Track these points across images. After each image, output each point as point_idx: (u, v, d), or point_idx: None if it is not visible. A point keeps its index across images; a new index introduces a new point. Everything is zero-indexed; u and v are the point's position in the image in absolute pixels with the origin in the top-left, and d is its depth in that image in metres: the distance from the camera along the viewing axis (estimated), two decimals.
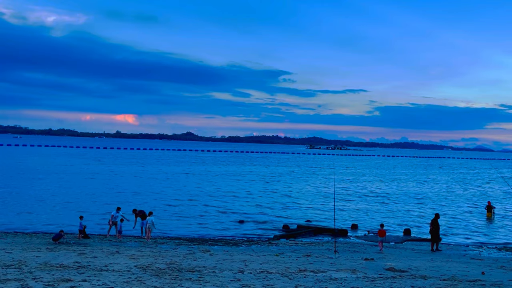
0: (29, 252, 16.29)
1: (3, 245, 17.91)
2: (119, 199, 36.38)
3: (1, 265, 13.30)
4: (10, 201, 34.14)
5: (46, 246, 18.18)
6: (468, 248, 23.63)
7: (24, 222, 26.74)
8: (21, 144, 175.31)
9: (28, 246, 17.98)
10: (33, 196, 37.45)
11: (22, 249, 17.13)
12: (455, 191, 56.81)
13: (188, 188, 48.30)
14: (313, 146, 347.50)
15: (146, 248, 18.85)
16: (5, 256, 15.19)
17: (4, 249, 16.83)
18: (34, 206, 32.26)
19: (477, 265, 17.25)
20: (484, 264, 17.69)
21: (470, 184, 69.08)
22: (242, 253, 18.54)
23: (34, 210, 30.67)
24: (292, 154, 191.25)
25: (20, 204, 32.84)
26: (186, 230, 26.37)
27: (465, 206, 42.54)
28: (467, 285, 12.73)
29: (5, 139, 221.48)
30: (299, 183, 59.35)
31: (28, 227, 25.34)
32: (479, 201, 46.27)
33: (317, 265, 15.57)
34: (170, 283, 11.53)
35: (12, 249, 16.80)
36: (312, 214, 34.19)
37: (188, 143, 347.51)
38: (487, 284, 12.92)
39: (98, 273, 12.55)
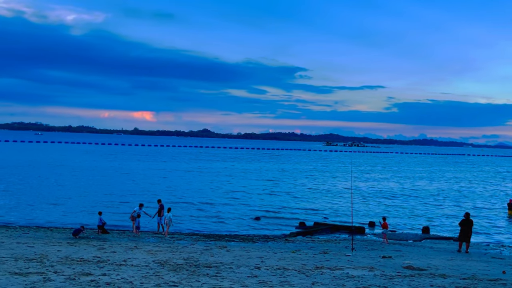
0: (50, 246, 16.64)
1: (26, 240, 18.35)
2: (138, 196, 36.83)
3: (23, 259, 13.63)
4: (32, 196, 34.91)
5: (67, 241, 18.54)
6: (488, 247, 23.20)
7: (45, 216, 27.32)
8: (42, 140, 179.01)
9: (50, 241, 18.37)
10: (55, 191, 38.20)
11: (44, 243, 17.51)
12: (476, 189, 55.77)
13: (205, 185, 48.59)
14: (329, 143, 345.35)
15: (164, 244, 19.06)
16: (28, 250, 15.55)
17: (26, 243, 17.24)
18: (56, 201, 32.92)
19: (498, 264, 16.93)
20: (505, 263, 17.34)
21: (491, 182, 67.71)
22: (258, 249, 18.59)
23: (56, 205, 31.29)
24: (308, 151, 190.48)
25: (41, 199, 33.56)
26: (203, 226, 26.56)
27: (486, 204, 41.73)
28: (487, 284, 12.51)
29: (27, 136, 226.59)
30: (315, 180, 59.10)
31: (50, 221, 25.87)
32: (500, 199, 45.33)
33: (334, 262, 15.50)
34: (188, 278, 11.63)
35: (34, 243, 17.20)
36: (329, 211, 34.04)
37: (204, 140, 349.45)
38: (508, 283, 12.67)
39: (117, 268, 12.74)
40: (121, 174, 56.70)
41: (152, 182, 49.17)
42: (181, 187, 45.12)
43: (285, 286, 11.20)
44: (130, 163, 78.44)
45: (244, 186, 48.46)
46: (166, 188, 43.94)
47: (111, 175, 54.99)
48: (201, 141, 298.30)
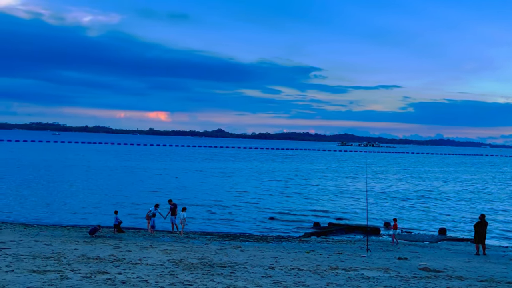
0: (67, 245, 16.90)
1: (43, 238, 18.67)
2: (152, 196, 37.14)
3: (41, 257, 13.86)
4: (49, 195, 35.51)
5: (84, 239, 18.81)
6: (507, 249, 22.75)
7: (62, 215, 27.76)
8: (59, 140, 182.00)
9: (67, 239, 18.65)
10: (71, 190, 38.80)
11: (61, 241, 17.79)
12: (493, 190, 54.77)
13: (219, 185, 48.76)
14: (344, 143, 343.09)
15: (179, 243, 19.18)
16: (45, 248, 15.82)
17: (44, 241, 17.54)
18: (73, 200, 33.43)
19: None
20: None
21: (509, 183, 66.42)
22: (273, 249, 18.58)
23: (72, 204, 31.78)
24: (323, 151, 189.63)
25: (58, 198, 34.11)
26: (217, 226, 26.66)
27: (504, 205, 40.95)
28: (506, 286, 12.27)
29: (44, 136, 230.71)
30: (330, 181, 58.81)
31: (67, 220, 26.28)
32: None
33: (349, 263, 15.40)
34: (202, 278, 11.68)
35: (52, 242, 17.48)
36: (343, 212, 33.83)
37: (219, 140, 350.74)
38: None
39: (133, 267, 12.87)
40: (136, 174, 57.26)
41: (166, 182, 49.55)
42: (194, 187, 45.36)
43: (300, 286, 11.17)
44: (145, 163, 79.17)
45: (258, 187, 48.48)
46: (180, 188, 44.22)
47: (126, 175, 55.58)
48: (216, 141, 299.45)
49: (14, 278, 10.61)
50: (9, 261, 12.83)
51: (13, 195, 35.22)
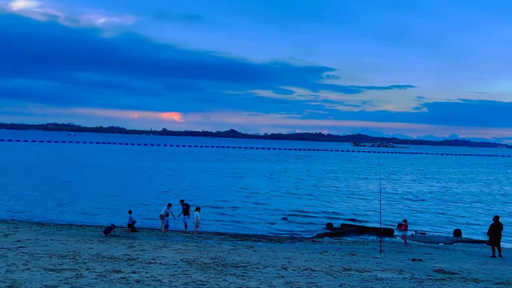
0: (82, 244, 17.12)
1: (59, 237, 18.95)
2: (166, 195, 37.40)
3: (57, 255, 14.07)
4: (64, 195, 36.01)
5: (98, 239, 19.03)
6: None
7: (76, 214, 28.12)
8: (74, 141, 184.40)
9: (82, 238, 18.90)
10: (87, 190, 39.29)
11: (76, 240, 18.03)
12: (509, 191, 53.84)
13: (231, 185, 48.87)
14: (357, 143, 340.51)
15: (192, 243, 19.28)
16: (61, 247, 16.05)
17: (60, 240, 17.80)
18: (87, 200, 33.85)
19: None
20: None
21: None
22: (285, 250, 18.56)
23: (86, 204, 32.18)
24: (336, 151, 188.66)
25: (73, 197, 34.57)
26: (230, 226, 26.72)
27: None
28: None
29: (60, 137, 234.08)
30: (343, 181, 58.49)
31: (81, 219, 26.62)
32: None
33: (362, 264, 15.30)
34: (215, 277, 11.73)
35: (67, 241, 17.73)
36: (356, 213, 33.62)
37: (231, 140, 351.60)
38: None
39: (147, 266, 12.99)
40: (149, 174, 57.72)
41: (178, 182, 49.83)
42: (206, 188, 45.54)
43: (312, 287, 11.14)
44: (158, 163, 79.74)
45: (270, 187, 48.46)
46: (192, 188, 44.44)
47: (139, 175, 56.06)
48: (228, 141, 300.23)
49: (30, 276, 10.80)
50: (25, 260, 13.06)
51: (29, 194, 35.81)
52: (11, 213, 27.53)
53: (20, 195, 35.29)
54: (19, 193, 36.02)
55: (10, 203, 31.46)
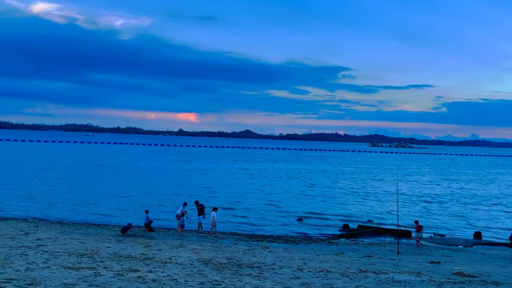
0: (100, 243, 17.37)
1: (78, 236, 19.26)
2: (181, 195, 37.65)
3: (76, 254, 14.31)
4: (82, 194, 36.58)
5: (116, 238, 19.28)
6: None
7: (95, 214, 28.53)
8: (92, 141, 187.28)
9: (100, 237, 19.17)
10: (104, 189, 39.84)
11: (94, 239, 18.30)
12: None
13: (246, 186, 48.92)
14: (374, 144, 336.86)
15: (207, 243, 19.37)
16: (80, 245, 16.32)
17: (79, 239, 18.09)
18: (104, 199, 34.33)
19: None
20: None
21: None
22: (301, 251, 18.49)
23: (104, 203, 32.64)
24: (352, 152, 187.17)
25: (91, 197, 35.10)
26: (245, 227, 26.74)
27: None
28: None
29: (79, 137, 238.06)
30: (359, 182, 57.99)
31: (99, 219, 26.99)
32: None
33: (379, 266, 15.14)
34: (231, 277, 11.76)
35: (86, 240, 18.01)
36: (373, 214, 33.28)
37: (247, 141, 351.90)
38: None
39: (163, 265, 13.10)
40: (165, 174, 58.21)
41: (194, 182, 50.09)
42: (221, 188, 45.68)
43: None
44: (174, 163, 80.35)
45: (286, 188, 48.34)
46: (207, 188, 44.63)
47: (155, 175, 56.58)
48: (244, 142, 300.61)
49: (50, 274, 11.00)
50: (45, 258, 13.31)
51: (48, 194, 36.50)
52: (31, 212, 28.09)
53: (40, 194, 35.99)
54: (39, 193, 36.75)
55: (31, 202, 32.11)
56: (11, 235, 17.91)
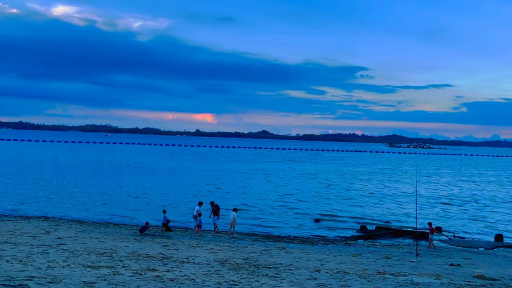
0: (119, 242, 17.60)
1: (97, 235, 19.56)
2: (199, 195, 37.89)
3: (95, 253, 14.53)
4: (101, 194, 37.14)
5: (134, 237, 19.51)
6: None
7: (113, 213, 28.92)
8: (111, 142, 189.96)
9: (118, 236, 19.43)
10: (122, 189, 40.35)
11: (113, 239, 18.55)
12: None
13: (263, 186, 48.91)
14: (392, 144, 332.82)
15: (224, 243, 19.43)
16: (99, 244, 16.57)
17: (98, 238, 18.37)
18: (122, 199, 34.78)
19: None
20: None
21: None
22: (318, 252, 18.39)
23: (123, 203, 33.07)
24: (370, 152, 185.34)
25: (110, 197, 35.60)
26: (261, 227, 26.72)
27: None
28: None
29: (98, 138, 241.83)
30: (377, 183, 57.39)
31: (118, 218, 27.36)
32: None
33: (397, 268, 14.96)
34: (247, 278, 11.77)
35: (105, 239, 18.28)
36: (391, 215, 32.89)
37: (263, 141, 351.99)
38: None
39: (180, 265, 13.20)
40: (182, 174, 58.64)
41: (210, 182, 50.32)
42: (238, 189, 45.77)
43: None
44: (191, 164, 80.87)
45: (302, 188, 48.16)
46: (223, 189, 44.78)
47: (173, 175, 57.05)
48: (260, 142, 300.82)
49: (70, 273, 11.20)
50: (66, 256, 13.56)
51: (68, 193, 37.16)
52: (51, 211, 28.63)
53: (60, 193, 36.67)
54: (59, 192, 37.45)
55: (51, 201, 32.75)
56: (33, 234, 18.30)
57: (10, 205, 30.47)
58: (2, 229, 19.30)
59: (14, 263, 11.96)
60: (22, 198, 33.79)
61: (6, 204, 30.92)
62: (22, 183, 42.28)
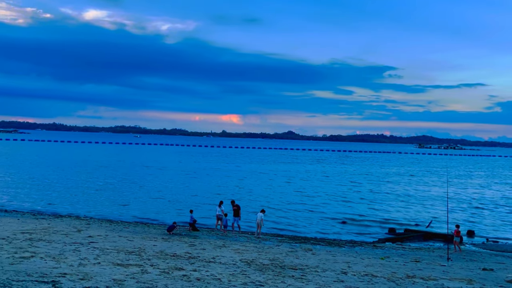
0: (147, 241, 17.91)
1: (126, 234, 19.97)
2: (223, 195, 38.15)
3: (124, 251, 14.84)
4: (130, 194, 37.91)
5: (162, 236, 19.81)
6: None
7: (141, 213, 29.46)
8: (140, 142, 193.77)
9: (147, 236, 19.78)
10: (150, 189, 41.07)
11: (142, 238, 18.90)
12: None
13: (289, 187, 48.75)
14: (422, 145, 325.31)
15: (250, 243, 19.48)
16: (128, 243, 16.91)
17: (127, 237, 18.76)
18: (150, 199, 35.40)
19: None
20: None
21: None
22: (345, 254, 18.18)
23: (151, 203, 33.66)
24: (399, 153, 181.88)
25: (138, 197, 36.31)
26: (287, 228, 26.64)
27: None
28: None
29: (127, 138, 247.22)
30: (406, 185, 56.25)
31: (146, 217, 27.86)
32: None
33: (427, 272, 14.61)
34: (273, 279, 11.76)
35: (133, 238, 18.64)
36: (420, 218, 32.17)
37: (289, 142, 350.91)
38: None
39: (207, 264, 13.31)
40: (208, 174, 59.16)
41: (236, 183, 50.54)
42: (264, 189, 45.77)
43: None
44: (217, 164, 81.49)
45: (328, 190, 47.72)
46: (248, 189, 44.88)
47: (199, 175, 57.61)
48: (286, 143, 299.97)
49: (101, 270, 11.48)
50: (96, 254, 13.91)
51: (98, 193, 38.12)
52: (82, 210, 29.44)
53: (90, 193, 37.66)
54: (90, 192, 38.47)
55: (82, 200, 33.68)
56: (65, 232, 18.86)
57: (43, 204, 31.54)
58: (37, 226, 19.98)
59: (47, 260, 12.36)
60: (54, 197, 34.90)
61: (40, 201, 32.06)
62: (55, 182, 43.66)
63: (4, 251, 13.35)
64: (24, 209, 28.88)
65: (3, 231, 17.68)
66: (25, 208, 29.12)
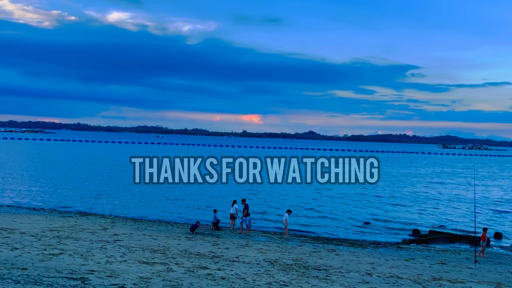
0: (171, 240, 18.14)
1: (150, 232, 20.26)
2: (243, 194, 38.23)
3: (149, 250, 15.07)
4: (153, 193, 38.43)
5: (185, 235, 20.02)
6: None
7: (164, 212, 29.84)
8: (162, 142, 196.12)
9: (171, 234, 20.02)
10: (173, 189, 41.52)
11: (166, 236, 19.14)
12: None
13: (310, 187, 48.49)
14: (446, 145, 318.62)
15: (273, 243, 19.48)
16: (152, 242, 17.16)
17: (151, 235, 19.03)
18: (173, 198, 35.82)
19: None
20: None
21: None
22: (369, 255, 18.00)
23: (173, 202, 34.05)
24: (422, 154, 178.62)
25: (161, 196, 36.77)
26: (310, 229, 26.52)
27: None
28: None
29: (149, 138, 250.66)
30: (431, 186, 55.23)
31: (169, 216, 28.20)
32: None
33: (454, 274, 14.33)
34: (298, 279, 11.74)
35: (158, 236, 18.90)
36: (445, 219, 31.54)
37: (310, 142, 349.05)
38: None
39: (231, 264, 13.39)
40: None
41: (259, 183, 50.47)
42: (285, 190, 45.64)
43: None
44: None
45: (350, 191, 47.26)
46: (270, 190, 44.82)
47: None
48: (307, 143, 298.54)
49: (127, 268, 11.69)
50: (122, 252, 14.16)
51: (121, 192, 38.79)
52: (107, 209, 30.01)
53: (114, 192, 38.35)
54: (113, 191, 39.18)
55: (108, 200, 34.34)
56: (91, 230, 19.26)
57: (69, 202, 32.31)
58: (64, 224, 20.48)
59: (75, 257, 12.66)
60: (79, 195, 35.69)
61: (66, 200, 32.86)
62: (84, 181, 44.63)
63: (34, 248, 13.74)
64: (51, 207, 29.63)
65: (32, 229, 18.20)
66: (52, 206, 29.88)
